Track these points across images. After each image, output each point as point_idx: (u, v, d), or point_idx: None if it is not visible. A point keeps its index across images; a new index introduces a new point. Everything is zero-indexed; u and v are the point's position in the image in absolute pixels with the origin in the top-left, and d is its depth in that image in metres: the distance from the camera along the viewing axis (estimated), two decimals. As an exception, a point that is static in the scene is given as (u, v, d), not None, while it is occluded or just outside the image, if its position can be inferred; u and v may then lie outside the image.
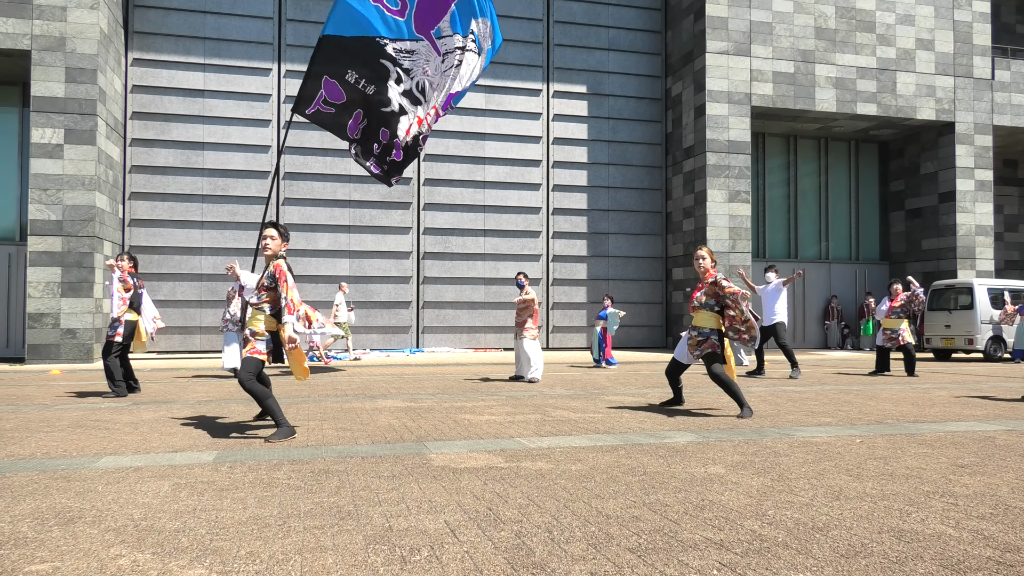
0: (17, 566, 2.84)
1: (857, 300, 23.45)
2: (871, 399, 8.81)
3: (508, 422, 6.76)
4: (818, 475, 4.46)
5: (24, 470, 4.61)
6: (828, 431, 6.24)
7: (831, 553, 3.00)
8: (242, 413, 7.38)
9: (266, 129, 19.21)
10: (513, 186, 20.88)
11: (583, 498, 3.90)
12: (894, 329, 12.92)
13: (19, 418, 7.07)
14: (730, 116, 19.79)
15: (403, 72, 10.41)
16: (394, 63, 10.30)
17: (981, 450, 5.34)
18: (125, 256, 9.05)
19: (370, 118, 10.59)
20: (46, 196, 15.46)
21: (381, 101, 10.46)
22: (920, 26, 21.23)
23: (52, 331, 15.46)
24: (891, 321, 12.96)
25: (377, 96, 10.39)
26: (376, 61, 10.21)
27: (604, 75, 21.65)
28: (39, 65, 15.48)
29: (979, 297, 17.92)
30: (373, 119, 10.60)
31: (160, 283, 18.33)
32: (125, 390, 8.98)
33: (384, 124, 10.64)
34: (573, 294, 21.18)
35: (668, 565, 2.86)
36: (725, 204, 19.76)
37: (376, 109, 10.54)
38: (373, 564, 2.86)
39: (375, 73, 10.26)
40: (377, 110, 10.55)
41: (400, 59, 10.33)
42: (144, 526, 3.37)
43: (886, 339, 13.00)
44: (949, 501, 3.85)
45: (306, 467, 4.69)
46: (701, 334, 7.42)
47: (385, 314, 19.85)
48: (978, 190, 21.58)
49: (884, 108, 20.84)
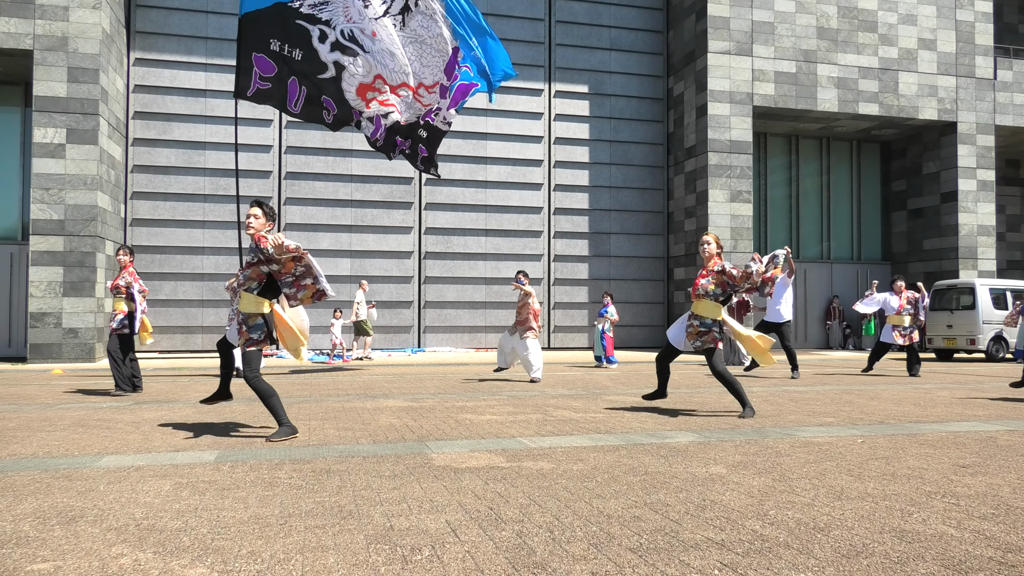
0: (19, 565, 2.84)
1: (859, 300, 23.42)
2: (873, 399, 8.80)
3: (509, 422, 6.76)
4: (820, 475, 4.46)
5: (26, 469, 4.61)
6: (830, 431, 6.24)
7: (832, 553, 2.99)
8: (243, 413, 7.39)
9: (268, 129, 19.22)
10: (515, 186, 20.88)
11: (584, 498, 3.89)
12: (905, 326, 12.73)
13: (21, 417, 7.08)
14: (732, 116, 19.78)
15: (324, 26, 10.00)
16: (311, 20, 9.96)
17: (983, 450, 5.34)
18: (128, 251, 9.24)
19: (307, 87, 10.28)
20: (48, 196, 15.47)
21: (313, 64, 10.08)
22: (922, 26, 21.21)
23: (54, 330, 15.47)
24: (898, 318, 12.76)
25: (307, 62, 10.06)
26: (292, 24, 9.87)
27: (606, 75, 21.65)
28: (41, 65, 15.49)
29: (981, 297, 17.90)
30: (311, 88, 10.26)
31: (162, 282, 18.34)
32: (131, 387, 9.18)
33: (326, 92, 10.26)
34: (575, 294, 21.18)
35: (669, 565, 2.86)
36: (727, 204, 19.75)
37: (312, 75, 10.19)
38: (374, 563, 2.86)
39: (296, 37, 9.90)
40: (313, 76, 10.19)
41: (316, 13, 10.03)
42: (146, 525, 3.38)
43: (906, 339, 12.68)
44: (951, 501, 3.84)
45: (307, 466, 4.69)
46: (704, 324, 7.17)
47: (387, 314, 19.86)
48: (980, 190, 21.56)
49: (886, 108, 20.82)
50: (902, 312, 12.70)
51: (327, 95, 10.37)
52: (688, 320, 7.37)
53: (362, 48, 10.25)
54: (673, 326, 7.57)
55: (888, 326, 12.96)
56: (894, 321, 12.82)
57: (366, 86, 10.40)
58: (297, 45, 10.03)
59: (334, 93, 10.36)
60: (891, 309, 12.86)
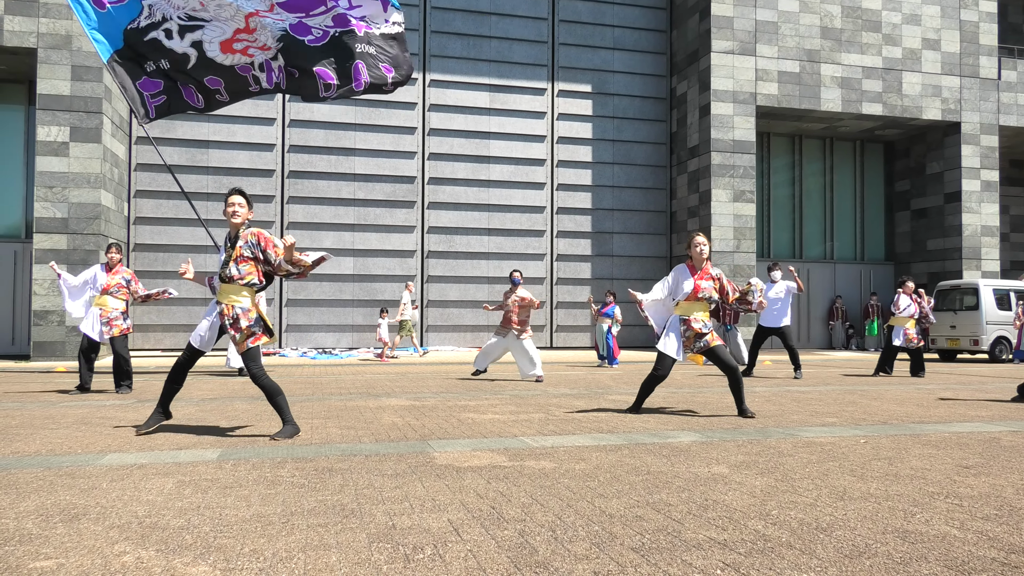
0: (22, 562, 2.85)
1: (862, 300, 23.39)
2: (875, 399, 8.79)
3: (512, 421, 6.76)
4: (822, 475, 4.45)
5: (29, 467, 4.62)
6: (832, 431, 6.23)
7: (835, 553, 2.99)
8: (246, 411, 7.39)
9: (271, 127, 19.23)
10: (517, 185, 20.87)
11: (586, 497, 3.89)
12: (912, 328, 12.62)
13: (24, 415, 7.10)
14: (735, 116, 19.76)
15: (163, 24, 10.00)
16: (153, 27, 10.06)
17: (986, 451, 5.33)
18: (118, 248, 9.28)
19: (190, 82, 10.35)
20: (52, 194, 15.50)
21: (181, 63, 9.99)
22: (926, 26, 21.17)
23: (57, 328, 15.50)
24: (902, 319, 12.69)
25: (174, 63, 10.17)
26: (143, 43, 10.07)
27: (609, 74, 21.63)
28: (45, 63, 15.52)
29: (985, 298, 17.87)
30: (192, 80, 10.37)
31: (165, 281, 18.36)
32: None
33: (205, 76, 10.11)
34: (577, 293, 21.17)
35: (671, 565, 2.85)
36: (730, 204, 19.73)
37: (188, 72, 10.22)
38: (376, 562, 2.86)
39: (154, 51, 10.03)
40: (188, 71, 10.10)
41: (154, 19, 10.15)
42: (148, 523, 3.38)
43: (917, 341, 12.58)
44: (954, 502, 3.83)
45: (310, 465, 4.69)
46: (707, 327, 7.03)
47: (389, 312, 19.84)
48: (984, 190, 21.51)
49: (890, 108, 20.79)
50: (915, 315, 12.60)
51: (208, 77, 10.35)
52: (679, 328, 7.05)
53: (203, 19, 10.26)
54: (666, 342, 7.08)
55: (898, 328, 12.81)
56: (901, 323, 12.74)
57: (227, 41, 10.33)
58: (158, 56, 10.09)
59: (209, 70, 10.31)
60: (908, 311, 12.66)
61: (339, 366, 14.68)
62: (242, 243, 5.72)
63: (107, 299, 9.13)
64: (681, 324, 7.08)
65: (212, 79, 10.41)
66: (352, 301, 19.68)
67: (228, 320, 5.62)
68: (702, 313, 7.08)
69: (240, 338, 5.62)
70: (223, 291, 5.67)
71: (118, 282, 9.19)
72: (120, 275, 9.24)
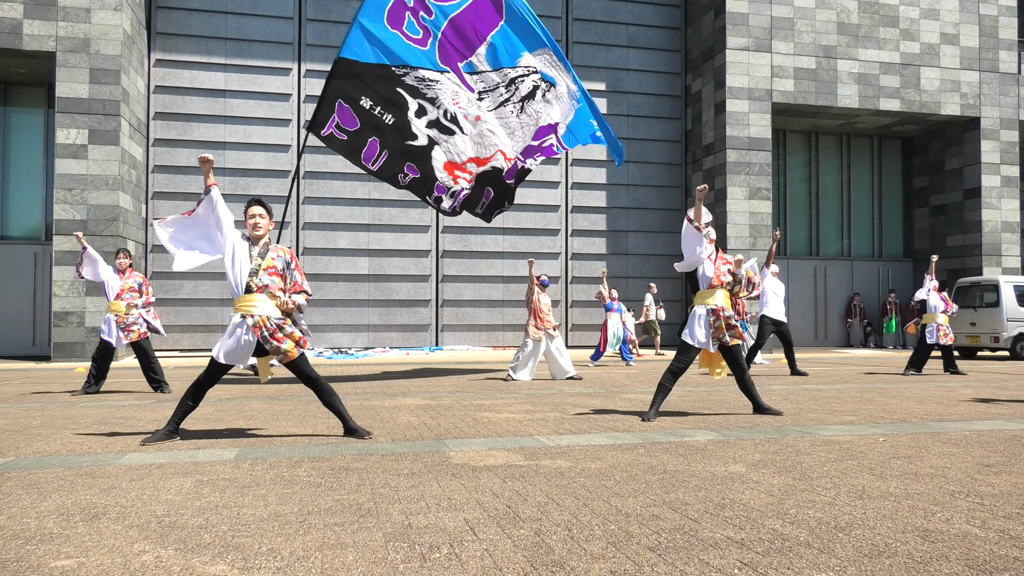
0: (43, 561, 2.88)
1: (880, 298, 23.19)
2: (894, 397, 8.71)
3: (527, 420, 6.76)
4: (840, 474, 4.41)
5: (50, 467, 4.67)
6: (851, 429, 6.18)
7: (854, 553, 2.96)
8: (263, 411, 7.44)
9: (286, 129, 19.33)
10: (532, 184, 20.83)
11: (603, 496, 3.88)
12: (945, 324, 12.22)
13: (45, 415, 7.17)
14: (750, 113, 19.64)
15: (427, 102, 9.86)
16: (414, 93, 9.75)
17: (1007, 449, 5.26)
18: (127, 252, 9.36)
19: (389, 149, 10.09)
20: (71, 196, 15.66)
21: (403, 132, 9.93)
22: (945, 20, 20.95)
23: (77, 330, 15.66)
24: (933, 316, 12.37)
25: (398, 126, 9.89)
26: (393, 90, 9.71)
27: (623, 72, 21.57)
28: (64, 66, 15.67)
29: (1005, 295, 17.66)
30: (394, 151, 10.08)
31: (183, 281, 18.50)
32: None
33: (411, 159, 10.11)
34: (592, 292, 21.11)
35: (689, 564, 2.84)
36: (745, 201, 19.62)
37: (398, 141, 10.01)
38: (393, 561, 2.87)
39: (392, 103, 9.77)
40: (400, 143, 10.02)
41: (422, 88, 9.81)
42: (167, 522, 3.41)
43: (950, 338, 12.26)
44: (975, 501, 3.79)
45: (326, 464, 4.71)
46: (734, 319, 6.85)
47: (404, 312, 19.91)
48: (1004, 186, 21.26)
49: (908, 104, 20.59)
50: (948, 311, 12.32)
51: (412, 162, 10.23)
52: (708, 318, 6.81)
53: (461, 130, 10.12)
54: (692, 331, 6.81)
55: (931, 326, 12.27)
56: (934, 319, 12.32)
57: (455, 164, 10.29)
58: (391, 111, 9.85)
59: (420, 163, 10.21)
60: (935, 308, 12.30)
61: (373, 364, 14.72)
62: (274, 255, 5.66)
63: (121, 304, 9.17)
64: (710, 315, 6.83)
65: (412, 167, 10.33)
66: (367, 301, 19.74)
67: (266, 332, 5.39)
68: (726, 300, 6.85)
69: (289, 346, 5.45)
70: (249, 302, 5.42)
71: (131, 286, 9.25)
72: (132, 279, 9.29)
